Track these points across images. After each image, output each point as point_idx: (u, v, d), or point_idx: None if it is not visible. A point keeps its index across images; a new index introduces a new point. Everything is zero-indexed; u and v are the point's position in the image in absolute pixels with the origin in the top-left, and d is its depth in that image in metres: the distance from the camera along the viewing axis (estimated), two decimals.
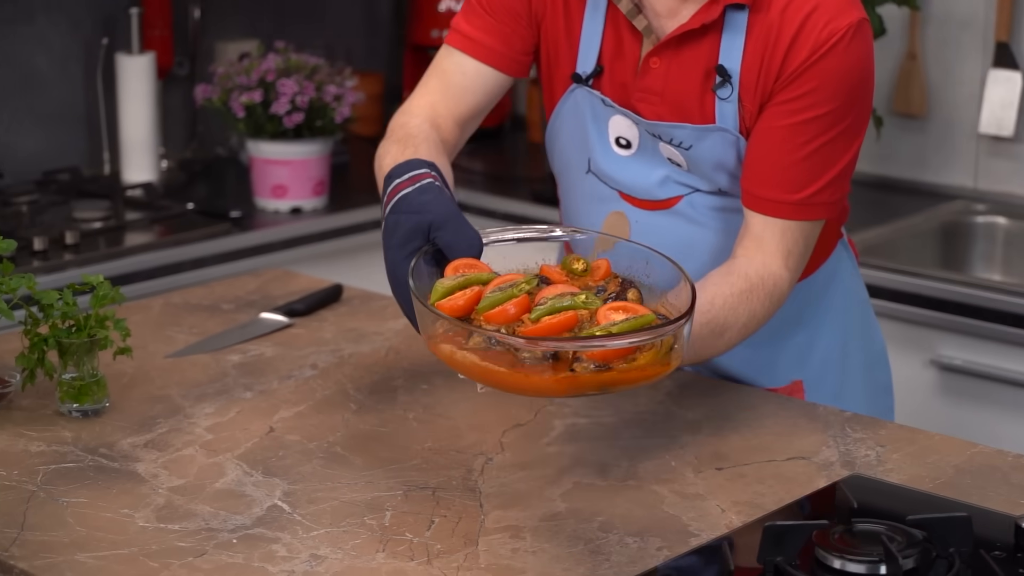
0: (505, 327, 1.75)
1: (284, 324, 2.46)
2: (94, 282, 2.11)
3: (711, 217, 2.14)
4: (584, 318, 1.75)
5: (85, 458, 1.97)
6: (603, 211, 2.19)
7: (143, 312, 2.50)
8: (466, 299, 1.79)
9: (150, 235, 3.32)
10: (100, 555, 1.72)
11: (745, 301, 2.04)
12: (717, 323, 2.01)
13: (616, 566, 1.70)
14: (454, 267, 1.87)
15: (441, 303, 1.79)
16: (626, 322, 1.72)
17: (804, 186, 2.05)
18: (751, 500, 1.86)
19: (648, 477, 1.92)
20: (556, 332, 1.73)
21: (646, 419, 2.10)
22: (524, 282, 1.79)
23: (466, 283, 1.82)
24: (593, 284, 1.86)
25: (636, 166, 2.15)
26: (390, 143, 2.12)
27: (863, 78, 2.04)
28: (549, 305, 1.75)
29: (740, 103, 2.06)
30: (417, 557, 1.71)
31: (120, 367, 2.24)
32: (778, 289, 2.07)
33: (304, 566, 1.69)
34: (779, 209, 2.06)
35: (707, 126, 2.07)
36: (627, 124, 2.13)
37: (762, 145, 2.06)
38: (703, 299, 1.99)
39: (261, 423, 2.08)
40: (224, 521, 1.80)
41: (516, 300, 1.77)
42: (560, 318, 1.73)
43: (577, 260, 1.88)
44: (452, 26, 2.23)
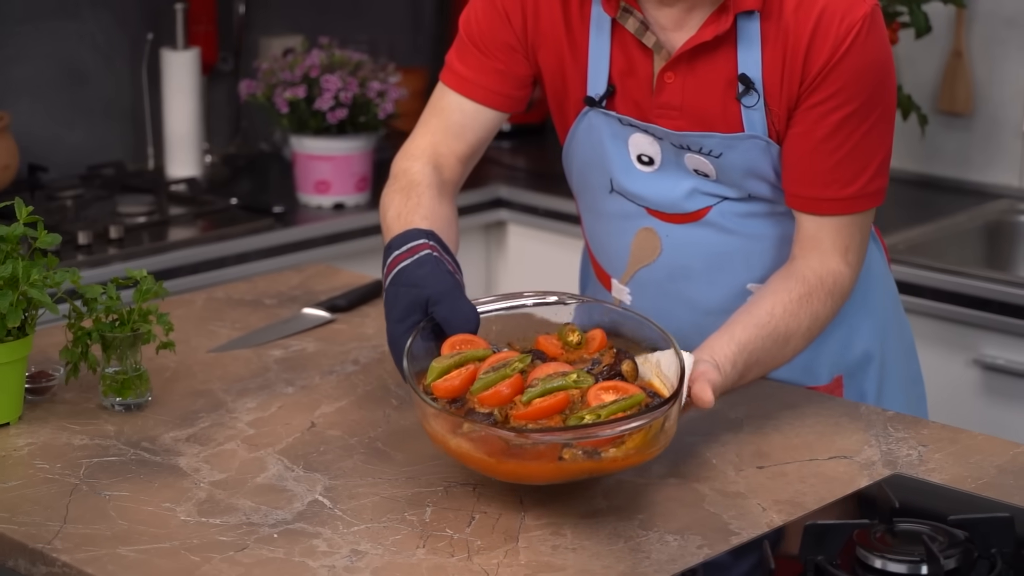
0: (498, 409, 1.77)
1: (326, 319, 2.46)
2: (138, 276, 2.12)
3: (742, 224, 2.14)
4: (575, 398, 1.77)
5: (127, 452, 1.98)
6: (631, 228, 2.19)
7: (186, 307, 2.51)
8: (461, 379, 1.82)
9: (193, 230, 3.33)
10: (141, 548, 1.72)
11: (806, 305, 2.05)
12: (779, 332, 2.02)
13: (656, 564, 1.69)
14: (451, 344, 1.89)
15: (437, 384, 1.82)
16: (616, 404, 1.74)
17: (852, 180, 2.05)
18: (792, 499, 1.85)
19: (689, 475, 1.92)
20: (547, 415, 1.75)
21: (687, 417, 2.09)
22: (517, 360, 1.81)
23: (462, 360, 1.85)
24: (588, 356, 1.88)
25: (661, 181, 2.15)
26: (393, 192, 2.15)
27: (885, 64, 2.05)
28: (540, 387, 1.77)
29: (767, 109, 2.05)
30: (457, 553, 1.72)
31: (163, 361, 2.25)
32: (839, 286, 2.08)
33: (344, 561, 1.70)
34: (832, 207, 2.07)
35: (737, 134, 2.06)
36: (648, 141, 2.13)
37: (801, 148, 2.05)
38: (763, 310, 2.02)
39: (302, 418, 2.08)
40: (265, 516, 1.80)
41: (509, 381, 1.79)
42: (551, 401, 1.76)
43: (572, 332, 1.91)
44: (447, 63, 2.24)
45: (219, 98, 3.93)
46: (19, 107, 3.57)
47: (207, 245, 3.25)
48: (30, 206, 2.04)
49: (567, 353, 1.90)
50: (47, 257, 2.06)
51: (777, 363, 2.06)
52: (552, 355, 1.89)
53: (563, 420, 1.75)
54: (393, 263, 1.96)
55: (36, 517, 1.79)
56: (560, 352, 1.90)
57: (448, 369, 1.83)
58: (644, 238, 2.18)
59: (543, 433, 1.72)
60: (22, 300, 2.00)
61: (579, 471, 1.73)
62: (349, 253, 3.46)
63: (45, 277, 2.01)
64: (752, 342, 2.01)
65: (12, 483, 1.88)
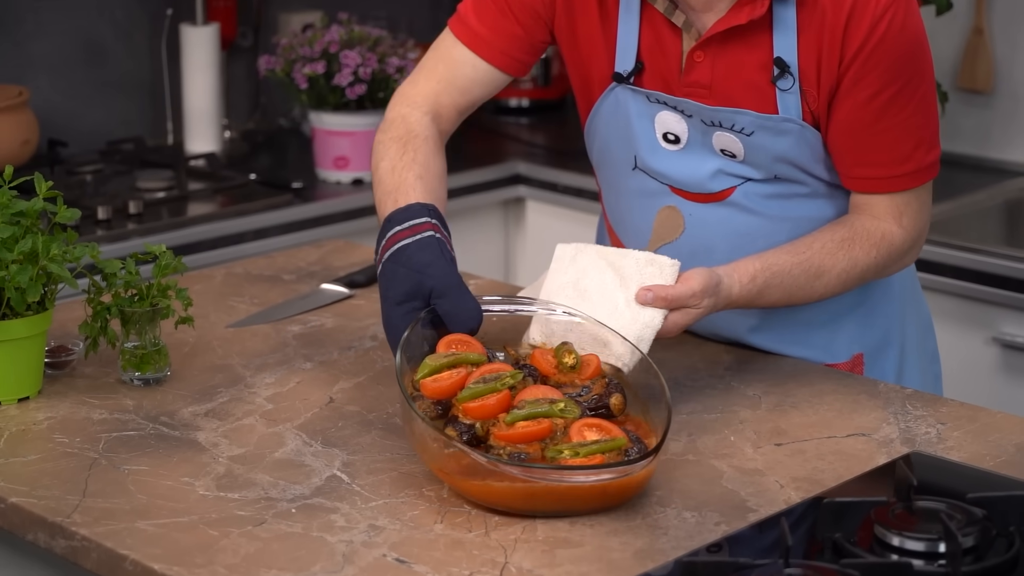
0: (480, 423, 1.77)
1: (344, 295, 2.46)
2: (157, 251, 2.13)
3: (766, 205, 2.14)
4: (558, 427, 1.77)
5: (146, 426, 1.98)
6: (654, 206, 2.19)
7: (205, 282, 2.51)
8: (451, 381, 1.82)
9: (212, 205, 3.33)
10: (160, 523, 1.73)
11: (846, 247, 2.09)
12: (812, 264, 2.07)
13: (674, 540, 1.69)
14: (447, 343, 1.89)
15: (425, 382, 1.82)
16: (596, 444, 1.73)
17: (910, 155, 2.08)
18: (810, 476, 1.85)
19: (707, 452, 1.92)
20: (527, 440, 1.75)
21: (705, 394, 2.09)
22: (509, 376, 1.81)
23: (456, 362, 1.85)
24: (579, 382, 1.87)
25: (686, 160, 2.14)
26: (390, 140, 2.14)
27: (921, 40, 2.07)
28: (526, 411, 1.77)
29: (802, 92, 2.05)
30: (475, 529, 1.72)
31: (182, 336, 2.26)
32: (886, 241, 2.10)
33: (362, 536, 1.70)
34: (891, 183, 2.10)
35: (772, 115, 2.06)
36: (676, 119, 2.12)
37: (851, 132, 2.06)
38: (803, 242, 2.08)
39: (321, 393, 2.09)
40: (283, 491, 1.81)
41: (497, 396, 1.79)
42: (533, 428, 1.75)
43: (569, 353, 1.91)
44: (459, 14, 2.22)
45: (238, 74, 3.93)
46: (39, 82, 3.57)
47: (226, 220, 3.25)
48: (50, 181, 2.05)
49: (560, 374, 1.89)
50: (67, 232, 2.06)
51: (804, 294, 2.09)
52: (544, 373, 1.89)
53: (542, 449, 1.75)
54: (394, 239, 1.96)
55: (55, 491, 1.80)
56: (553, 372, 1.89)
57: (440, 369, 1.83)
58: (667, 216, 2.18)
59: (514, 466, 1.71)
60: (42, 275, 2.01)
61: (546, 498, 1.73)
62: (367, 229, 3.45)
63: (65, 252, 2.01)
64: (779, 264, 2.05)
65: (31, 457, 1.89)
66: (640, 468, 1.72)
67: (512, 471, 1.70)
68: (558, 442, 1.75)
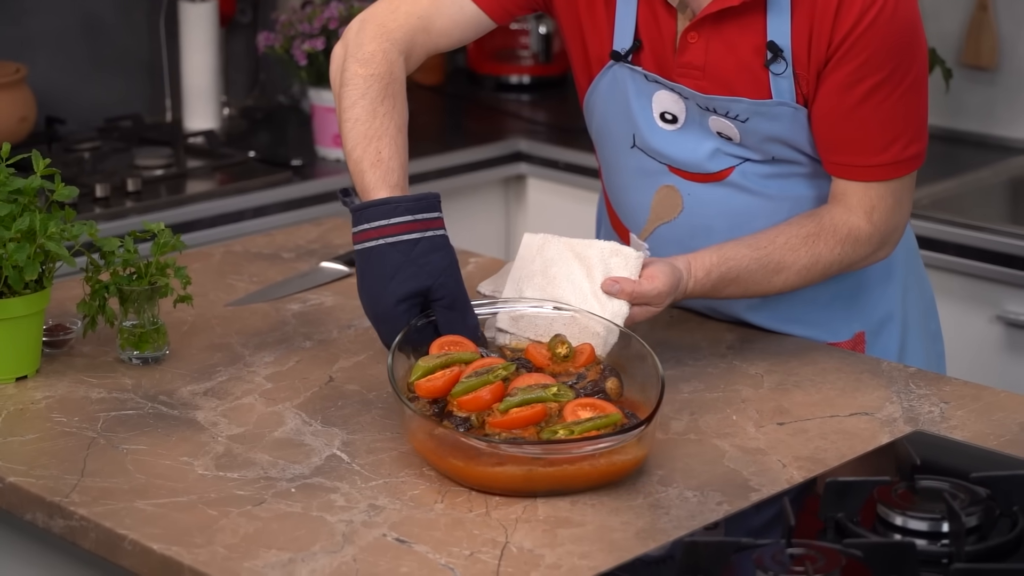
0: (475, 414, 1.77)
1: (344, 273, 2.46)
2: (155, 230, 2.12)
3: (765, 185, 2.13)
4: (553, 411, 1.77)
5: (145, 405, 1.98)
6: (652, 185, 2.18)
7: (204, 260, 2.51)
8: (445, 380, 1.82)
9: (211, 183, 3.32)
10: (159, 502, 1.73)
11: (810, 243, 2.07)
12: (772, 260, 2.06)
13: (676, 520, 1.69)
14: (440, 344, 1.90)
15: (420, 383, 1.83)
16: (591, 421, 1.74)
17: (887, 147, 2.05)
18: (812, 455, 1.85)
19: (709, 431, 1.92)
20: (522, 425, 1.75)
21: (707, 373, 2.09)
22: (502, 368, 1.82)
23: (448, 362, 1.85)
24: (574, 370, 1.88)
25: (683, 140, 2.14)
26: (370, 77, 2.08)
27: (914, 28, 2.03)
28: (519, 397, 1.77)
29: (795, 76, 2.04)
30: (475, 508, 1.72)
31: (180, 315, 2.25)
32: (852, 237, 2.08)
33: (362, 516, 1.70)
34: (866, 173, 2.07)
35: (765, 101, 2.05)
36: (673, 99, 2.12)
37: (833, 116, 2.04)
38: (765, 236, 2.07)
39: (320, 372, 2.08)
40: (283, 470, 1.81)
41: (491, 387, 1.79)
42: (527, 412, 1.76)
43: (562, 344, 1.91)
44: None
45: (237, 50, 3.93)
46: (37, 59, 3.56)
47: (225, 198, 3.25)
48: (47, 159, 2.04)
49: (554, 365, 1.90)
50: (64, 210, 2.06)
51: (761, 289, 2.09)
52: (539, 365, 1.89)
53: (537, 432, 1.75)
54: (401, 228, 1.93)
55: (53, 470, 1.80)
56: (547, 363, 1.90)
57: (433, 370, 1.84)
58: (665, 195, 2.17)
59: (512, 445, 1.72)
60: (39, 253, 2.00)
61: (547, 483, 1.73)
62: None
63: (62, 230, 2.01)
64: (737, 259, 2.05)
65: (29, 436, 1.89)
66: (634, 436, 1.72)
67: (507, 450, 1.70)
68: (553, 423, 1.75)
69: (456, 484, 1.76)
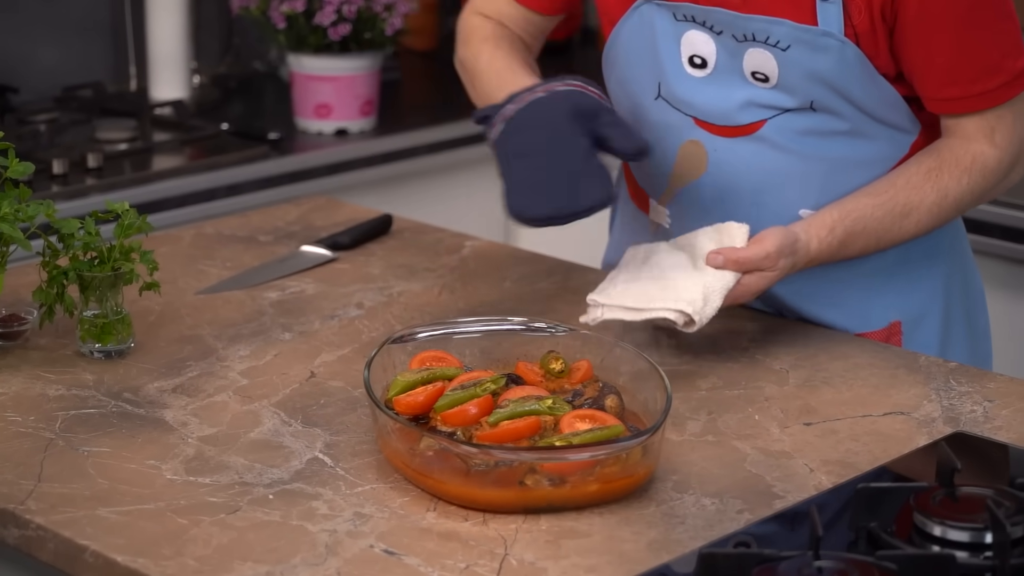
0: (462, 430, 1.78)
1: (327, 258, 2.46)
2: (119, 210, 2.13)
3: (799, 142, 2.13)
4: (547, 425, 1.77)
5: (108, 403, 1.99)
6: (675, 141, 2.18)
7: (172, 243, 2.52)
8: (426, 395, 1.83)
9: (180, 158, 3.33)
10: (123, 510, 1.73)
11: (933, 178, 2.11)
12: (898, 203, 2.11)
13: (692, 530, 1.70)
14: (421, 359, 1.91)
15: (398, 399, 1.83)
16: (590, 433, 1.74)
17: (997, 67, 2.09)
18: (843, 459, 1.86)
19: (728, 432, 1.92)
20: (514, 439, 1.75)
21: (726, 368, 2.10)
22: (490, 381, 1.83)
23: (430, 378, 1.86)
24: (570, 387, 1.89)
25: (713, 88, 2.14)
26: (477, 42, 2.26)
27: None
28: (510, 409, 1.78)
29: (844, 6, 2.04)
30: (471, 517, 1.72)
31: (147, 304, 2.26)
32: (978, 164, 2.12)
33: (347, 525, 1.71)
34: (979, 102, 2.11)
35: (810, 27, 2.05)
36: (704, 39, 2.12)
37: (924, 49, 2.06)
38: (883, 181, 2.12)
39: (301, 367, 2.09)
40: (259, 475, 1.81)
41: (478, 400, 1.80)
42: (519, 424, 1.76)
43: (556, 360, 1.92)
44: None
45: (209, 12, 3.93)
46: None
47: (195, 175, 3.25)
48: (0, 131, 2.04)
49: (548, 382, 1.91)
50: (19, 188, 2.06)
51: (893, 236, 2.13)
52: (530, 382, 1.89)
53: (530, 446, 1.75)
54: (545, 88, 2.05)
55: (7, 475, 1.80)
56: (540, 380, 1.91)
57: (413, 385, 1.85)
58: (689, 152, 2.18)
59: (506, 451, 1.72)
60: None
61: (542, 499, 1.73)
62: (353, 184, 3.46)
63: (17, 210, 2.02)
64: (860, 209, 2.09)
65: None
66: (638, 443, 1.72)
67: (497, 455, 1.71)
68: (548, 437, 1.75)
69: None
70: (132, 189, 3.15)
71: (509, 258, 2.50)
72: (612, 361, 1.94)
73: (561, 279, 2.40)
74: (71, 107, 3.53)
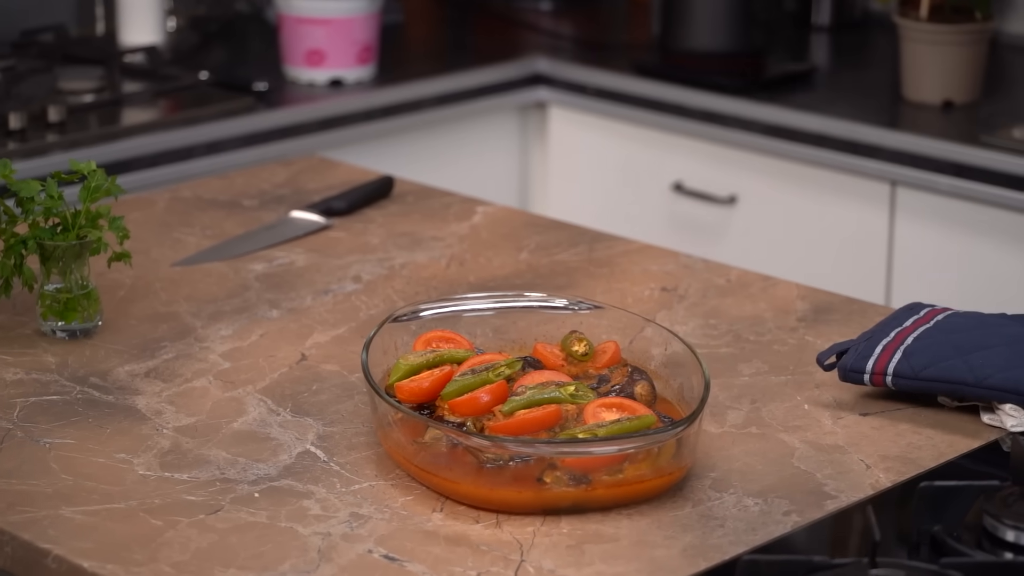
0: (473, 420, 1.77)
1: (320, 225, 2.47)
2: (85, 170, 2.13)
3: None
4: (569, 414, 1.77)
5: (72, 389, 1.99)
6: None
7: (145, 208, 2.52)
8: (432, 381, 1.83)
9: (154, 112, 3.33)
10: (90, 510, 1.74)
11: None
12: None
13: (732, 534, 1.70)
14: (426, 340, 1.91)
15: (401, 384, 1.83)
16: (618, 424, 1.73)
17: None
18: (903, 454, 1.86)
19: (774, 423, 1.93)
20: (531, 430, 1.75)
21: (773, 350, 2.10)
22: (505, 365, 1.82)
23: (437, 361, 1.86)
24: (594, 372, 1.88)
25: None
26: None
27: None
28: (527, 396, 1.77)
29: None
30: (483, 519, 1.73)
31: (116, 277, 2.26)
32: None
33: (343, 528, 1.71)
34: None
35: None
36: None
37: None
38: None
39: (290, 349, 2.10)
40: (244, 470, 1.82)
41: (491, 387, 1.79)
42: (538, 414, 1.75)
43: (579, 341, 1.92)
44: None
45: None
46: None
47: (170, 131, 3.25)
48: None
49: (569, 366, 1.90)
50: None
51: None
52: (550, 367, 1.89)
53: (552, 438, 1.75)
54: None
55: None
56: (560, 364, 1.90)
57: (418, 369, 1.85)
58: None
59: (522, 445, 1.72)
60: None
61: (562, 499, 1.73)
62: (349, 141, 3.46)
63: None
64: None
65: None
66: (672, 436, 1.72)
67: (512, 449, 1.71)
68: (570, 428, 1.75)
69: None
70: (99, 147, 3.15)
71: (526, 225, 2.50)
72: (642, 343, 1.94)
73: (586, 249, 2.40)
74: (30, 54, 3.53)
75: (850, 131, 3.23)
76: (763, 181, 3.39)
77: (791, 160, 3.33)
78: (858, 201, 3.25)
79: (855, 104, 3.37)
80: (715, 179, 3.45)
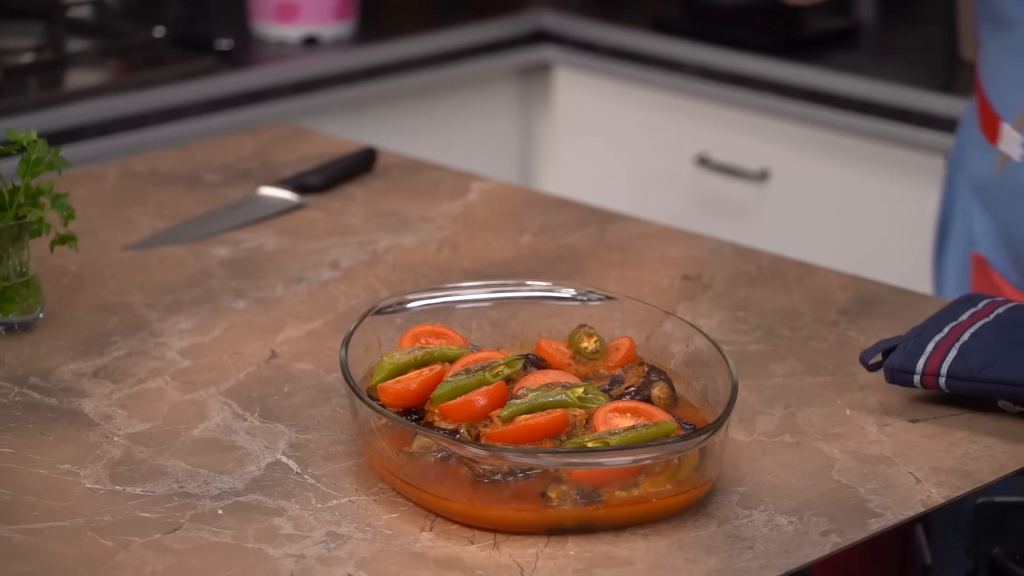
0: (467, 427, 1.78)
1: (293, 204, 2.47)
2: (23, 140, 2.13)
3: None
4: (577, 420, 1.77)
5: (10, 391, 2.00)
6: None
7: (93, 184, 2.52)
8: (421, 382, 1.83)
9: (102, 74, 3.34)
10: (31, 528, 1.74)
11: None
12: None
13: (763, 556, 1.71)
14: (414, 335, 1.92)
15: (385, 386, 1.83)
16: (632, 432, 1.74)
17: None
18: (958, 466, 1.87)
19: (811, 431, 1.93)
20: (534, 438, 1.75)
21: (810, 348, 2.11)
22: (504, 364, 1.82)
23: (426, 359, 1.86)
24: (606, 372, 1.88)
25: None
26: None
27: None
28: (529, 400, 1.77)
29: None
30: (479, 539, 1.73)
31: (59, 262, 2.27)
32: None
33: (318, 549, 1.72)
34: None
35: None
36: None
37: None
38: None
39: (259, 345, 2.10)
40: (206, 484, 1.82)
41: (488, 389, 1.79)
42: (542, 419, 1.75)
43: (589, 336, 1.92)
44: None
45: None
46: None
47: (121, 95, 3.26)
48: None
49: (578, 365, 1.91)
50: None
51: None
52: (556, 366, 1.90)
53: (557, 447, 1.75)
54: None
55: None
56: (567, 362, 1.91)
57: (404, 368, 1.85)
58: None
59: (524, 455, 1.72)
60: None
61: (569, 517, 1.73)
62: (325, 108, 3.47)
63: None
64: None
65: None
66: (691, 446, 1.73)
67: (512, 460, 1.71)
68: (578, 436, 1.76)
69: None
70: (40, 113, 3.16)
71: (528, 204, 2.51)
72: (661, 338, 1.95)
73: (596, 232, 2.41)
74: None
75: (899, 96, 3.23)
76: (799, 154, 3.40)
77: (831, 130, 3.34)
78: (908, 177, 3.25)
79: (905, 66, 3.37)
80: (745, 151, 3.46)
